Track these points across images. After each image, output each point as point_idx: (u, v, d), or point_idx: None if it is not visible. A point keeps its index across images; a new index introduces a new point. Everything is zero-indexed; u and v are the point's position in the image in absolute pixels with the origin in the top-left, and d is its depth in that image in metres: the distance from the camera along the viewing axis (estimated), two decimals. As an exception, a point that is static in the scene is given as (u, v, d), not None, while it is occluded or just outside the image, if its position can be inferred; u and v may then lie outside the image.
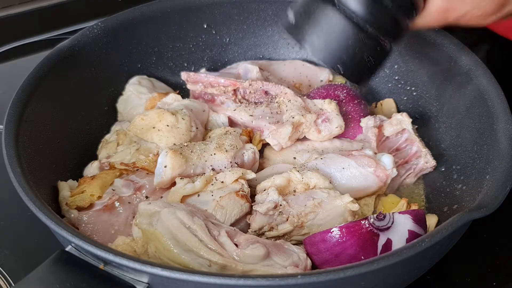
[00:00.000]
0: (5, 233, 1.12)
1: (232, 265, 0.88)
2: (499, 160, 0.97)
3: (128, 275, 0.84)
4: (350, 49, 0.87)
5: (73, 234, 0.85)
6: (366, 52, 0.88)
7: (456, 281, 1.04)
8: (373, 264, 0.80)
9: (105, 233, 1.03)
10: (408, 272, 0.93)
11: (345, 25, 0.85)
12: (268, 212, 1.01)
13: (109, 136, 1.22)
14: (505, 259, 1.07)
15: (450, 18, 0.88)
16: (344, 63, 0.88)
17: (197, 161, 1.06)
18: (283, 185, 1.05)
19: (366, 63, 0.89)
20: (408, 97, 1.27)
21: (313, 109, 1.17)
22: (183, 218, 0.92)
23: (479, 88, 1.09)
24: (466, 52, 1.14)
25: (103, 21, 1.25)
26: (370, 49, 0.88)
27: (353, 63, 0.89)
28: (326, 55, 0.88)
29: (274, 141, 1.15)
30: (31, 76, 1.11)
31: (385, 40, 0.88)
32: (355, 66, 0.89)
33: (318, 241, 0.95)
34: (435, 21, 0.89)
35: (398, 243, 0.93)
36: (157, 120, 1.13)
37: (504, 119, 1.02)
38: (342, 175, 1.08)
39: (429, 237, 0.84)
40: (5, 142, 0.98)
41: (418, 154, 1.16)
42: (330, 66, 0.89)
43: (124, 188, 1.07)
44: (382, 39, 0.88)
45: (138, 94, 1.26)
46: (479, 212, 0.87)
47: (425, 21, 0.89)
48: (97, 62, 1.24)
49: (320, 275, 0.79)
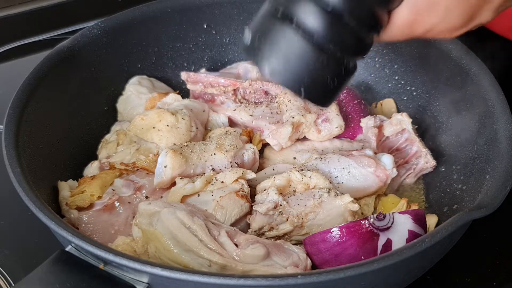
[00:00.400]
0: (5, 233, 1.12)
1: (232, 265, 0.88)
2: (499, 160, 0.97)
3: (128, 275, 0.84)
4: (311, 71, 0.80)
5: (73, 234, 0.85)
6: (329, 73, 0.81)
7: (456, 281, 1.04)
8: (373, 264, 0.80)
9: (105, 233, 1.03)
10: (408, 272, 0.93)
11: (305, 46, 0.78)
12: (268, 212, 1.01)
13: (109, 136, 1.22)
14: (505, 259, 1.07)
15: (416, 32, 0.83)
16: (306, 86, 0.81)
17: (197, 161, 1.06)
18: (283, 185, 1.05)
19: (329, 84, 0.82)
20: (408, 97, 1.27)
21: (313, 109, 1.17)
22: (183, 218, 0.92)
23: (479, 88, 1.09)
24: (466, 52, 1.14)
25: (103, 21, 1.25)
26: (333, 70, 0.81)
27: (315, 86, 0.82)
28: (286, 78, 0.81)
29: (274, 141, 1.15)
30: (31, 76, 1.11)
31: (349, 59, 0.82)
32: (318, 88, 0.82)
33: (318, 241, 0.95)
34: (401, 35, 0.84)
35: (398, 243, 0.93)
36: (157, 120, 1.13)
37: (504, 119, 1.02)
38: (342, 175, 1.08)
39: (429, 237, 0.84)
40: (5, 142, 0.98)
41: (418, 154, 1.16)
42: (292, 90, 0.82)
43: (124, 188, 1.07)
44: (345, 59, 0.81)
45: (138, 94, 1.26)
46: (479, 212, 0.87)
47: (390, 36, 0.84)
48: (97, 62, 1.24)
49: (320, 275, 0.79)
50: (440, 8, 0.80)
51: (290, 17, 0.78)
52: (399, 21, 0.82)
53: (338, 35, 0.78)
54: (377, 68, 1.31)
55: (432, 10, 0.80)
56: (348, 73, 0.83)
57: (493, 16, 0.84)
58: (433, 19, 0.81)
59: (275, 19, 0.80)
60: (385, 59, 1.30)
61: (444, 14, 0.80)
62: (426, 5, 0.80)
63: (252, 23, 0.83)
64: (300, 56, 0.79)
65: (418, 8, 0.80)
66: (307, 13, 0.78)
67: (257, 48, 0.81)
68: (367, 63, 1.32)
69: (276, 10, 0.80)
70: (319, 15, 0.77)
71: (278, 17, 0.80)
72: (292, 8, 0.78)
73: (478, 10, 0.82)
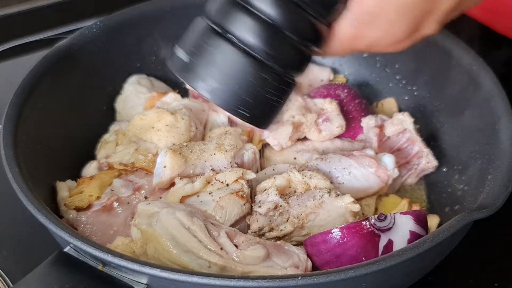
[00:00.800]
0: (3, 233, 1.12)
1: (232, 266, 0.88)
2: (501, 160, 0.97)
3: (127, 276, 0.83)
4: (252, 90, 0.75)
5: (71, 234, 0.85)
6: (270, 91, 0.76)
7: (457, 282, 1.04)
8: (374, 265, 0.80)
9: (104, 233, 1.02)
10: (410, 273, 0.92)
11: (244, 63, 0.74)
12: (268, 212, 1.00)
13: (108, 136, 1.21)
14: (508, 259, 1.07)
15: (360, 46, 0.80)
16: (247, 106, 0.76)
17: (197, 161, 1.06)
18: (283, 186, 1.05)
19: (270, 103, 0.77)
20: (409, 97, 1.27)
21: (314, 109, 1.17)
22: (183, 218, 0.91)
23: (481, 88, 1.08)
24: (468, 52, 1.14)
25: (102, 20, 1.25)
26: (274, 87, 0.76)
27: (256, 105, 0.77)
28: (225, 98, 0.75)
29: (274, 141, 1.15)
30: (29, 75, 1.10)
31: (289, 74, 0.78)
32: (260, 107, 0.77)
33: (318, 242, 0.94)
34: (343, 50, 0.81)
35: (400, 244, 0.93)
36: (156, 120, 1.13)
37: (506, 119, 1.02)
38: (343, 176, 1.08)
39: (430, 238, 0.83)
40: (3, 142, 0.98)
41: (420, 154, 1.15)
42: (231, 111, 0.77)
43: (123, 189, 1.06)
44: (286, 74, 0.78)
45: (137, 94, 1.25)
46: (481, 213, 0.87)
47: (332, 50, 0.81)
48: (95, 61, 1.23)
49: (320, 276, 0.78)
50: (382, 21, 0.77)
51: (226, 32, 0.75)
52: (340, 34, 0.79)
53: (279, 50, 0.75)
54: (378, 67, 1.31)
55: (373, 23, 0.77)
56: (289, 89, 0.80)
57: (438, 28, 0.81)
58: (375, 33, 0.78)
59: (210, 34, 0.76)
60: (386, 59, 1.29)
61: (387, 27, 0.77)
62: (367, 18, 0.77)
63: (183, 41, 0.79)
64: (238, 73, 0.74)
65: (359, 21, 0.77)
66: (244, 27, 0.74)
67: (192, 68, 0.76)
68: (368, 63, 1.32)
69: (211, 26, 0.76)
70: (257, 28, 0.74)
71: (214, 32, 0.76)
72: (228, 23, 0.75)
73: (422, 22, 0.79)
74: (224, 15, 0.75)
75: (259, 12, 0.74)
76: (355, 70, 1.35)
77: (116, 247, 0.96)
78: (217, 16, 0.76)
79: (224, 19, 0.75)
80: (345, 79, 1.35)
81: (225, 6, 0.76)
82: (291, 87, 0.80)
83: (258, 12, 0.74)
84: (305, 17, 0.75)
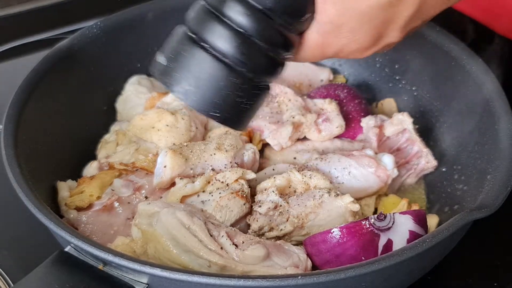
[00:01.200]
0: (3, 233, 1.12)
1: (232, 265, 0.88)
2: (501, 160, 0.97)
3: (127, 275, 0.83)
4: (223, 93, 0.79)
5: (72, 234, 0.85)
6: (240, 95, 0.80)
7: (457, 281, 1.04)
8: (374, 264, 0.80)
9: (104, 233, 1.02)
10: (409, 272, 0.92)
11: (215, 68, 0.78)
12: (268, 212, 1.00)
13: (108, 136, 1.21)
14: (507, 259, 1.07)
15: (328, 53, 0.84)
16: (218, 108, 0.80)
17: (197, 161, 1.06)
18: (283, 185, 1.05)
19: (242, 106, 0.81)
20: (408, 97, 1.27)
21: (314, 109, 1.17)
22: (183, 218, 0.92)
23: (480, 88, 1.09)
24: (467, 52, 1.14)
25: (102, 21, 1.25)
26: (244, 91, 0.80)
27: (227, 107, 0.81)
28: (198, 101, 0.80)
29: (274, 141, 1.15)
30: (30, 76, 1.10)
31: (260, 79, 0.82)
32: (231, 110, 0.81)
33: (318, 241, 0.94)
34: (313, 56, 0.85)
35: (399, 243, 0.93)
36: (157, 120, 1.13)
37: (505, 119, 1.02)
38: (343, 175, 1.08)
39: (430, 238, 0.84)
40: (4, 142, 0.98)
41: (419, 154, 1.15)
42: (204, 113, 0.81)
43: (124, 188, 1.07)
44: (257, 79, 0.81)
45: (137, 94, 1.25)
46: (480, 213, 0.87)
47: (303, 57, 0.85)
48: (96, 61, 1.23)
49: (320, 276, 0.79)
50: (345, 30, 0.80)
51: (201, 38, 0.79)
52: (309, 42, 0.83)
53: (249, 56, 0.79)
54: (377, 67, 1.31)
55: (338, 32, 0.81)
56: (261, 93, 0.83)
57: (401, 36, 0.84)
58: (341, 41, 0.82)
59: (186, 41, 0.80)
60: (386, 59, 1.29)
61: (350, 35, 0.81)
62: (331, 27, 0.80)
63: (164, 47, 0.83)
64: (210, 78, 0.79)
65: (324, 30, 0.81)
66: (215, 35, 0.78)
67: (170, 72, 0.81)
68: (367, 63, 1.32)
69: (187, 32, 0.81)
70: (227, 36, 0.78)
71: (190, 39, 0.80)
72: (202, 30, 0.79)
73: (384, 30, 0.82)
74: (199, 23, 0.80)
75: (230, 21, 0.78)
76: (354, 70, 1.35)
77: (116, 246, 0.96)
78: (193, 24, 0.81)
79: (199, 27, 0.80)
80: (345, 79, 1.36)
81: (200, 15, 0.81)
82: (263, 91, 0.84)
83: (229, 20, 0.78)
84: (273, 26, 0.79)
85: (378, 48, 0.86)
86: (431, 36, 1.20)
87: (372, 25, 0.81)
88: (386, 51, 1.29)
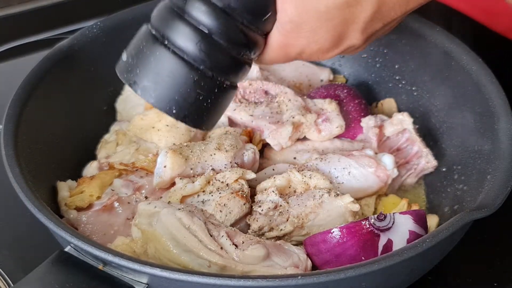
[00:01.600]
0: (3, 233, 1.12)
1: (232, 265, 0.88)
2: (500, 160, 0.97)
3: (127, 275, 0.83)
4: (182, 90, 0.79)
5: (72, 234, 0.85)
6: (201, 93, 0.80)
7: (457, 281, 1.04)
8: (373, 264, 0.80)
9: (104, 233, 1.02)
10: (409, 272, 0.92)
11: (175, 64, 0.79)
12: (268, 212, 1.01)
13: (108, 136, 1.21)
14: (507, 259, 1.07)
15: (291, 53, 0.85)
16: (177, 105, 0.80)
17: (197, 161, 1.06)
18: (283, 185, 1.05)
19: (203, 105, 0.81)
20: (408, 97, 1.27)
21: (314, 109, 1.17)
22: (183, 218, 0.92)
23: (480, 88, 1.09)
24: (467, 52, 1.14)
25: (103, 21, 1.25)
26: (205, 89, 0.80)
27: (187, 105, 0.81)
28: (157, 97, 0.80)
29: (274, 141, 1.15)
30: (30, 76, 1.10)
31: (223, 78, 0.82)
32: (190, 108, 0.81)
33: (318, 241, 0.94)
34: (278, 57, 0.86)
35: (399, 243, 0.93)
36: (157, 120, 1.13)
37: (505, 119, 1.02)
38: (343, 175, 1.08)
39: (430, 238, 0.83)
40: (4, 142, 0.98)
41: (419, 154, 1.15)
42: (162, 109, 0.81)
43: (124, 188, 1.07)
44: (219, 78, 0.81)
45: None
46: (480, 212, 0.87)
47: (269, 58, 0.86)
48: (96, 61, 1.23)
49: (320, 276, 0.79)
50: (305, 29, 0.81)
51: (162, 35, 0.80)
52: (272, 43, 0.84)
53: (210, 54, 0.79)
54: (377, 68, 1.31)
55: (298, 32, 0.82)
56: (223, 93, 0.83)
57: (363, 38, 0.85)
58: (302, 41, 0.83)
59: (148, 38, 0.81)
60: (386, 59, 1.29)
61: (311, 35, 0.82)
62: (292, 26, 0.81)
63: (128, 45, 0.85)
64: (170, 74, 0.79)
65: (286, 29, 0.82)
66: (177, 33, 0.79)
67: (131, 68, 0.82)
68: (367, 63, 1.32)
69: (150, 30, 0.82)
70: (189, 32, 0.78)
71: (152, 36, 0.81)
72: (164, 28, 0.80)
73: (344, 31, 0.83)
74: (160, 20, 0.81)
75: (191, 18, 0.79)
76: (354, 71, 1.35)
77: (116, 246, 0.96)
78: (155, 22, 0.82)
79: (160, 24, 0.81)
80: (345, 79, 1.35)
81: (162, 12, 0.82)
82: (227, 90, 0.84)
83: (190, 18, 0.79)
84: (235, 25, 0.79)
85: (340, 50, 0.86)
86: (431, 36, 1.20)
87: (331, 25, 0.81)
88: (385, 51, 1.30)
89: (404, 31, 1.23)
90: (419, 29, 1.21)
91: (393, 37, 1.25)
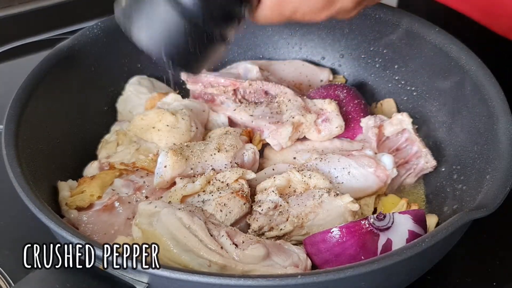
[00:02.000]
0: (4, 233, 1.12)
1: (232, 265, 0.88)
2: (500, 160, 0.97)
3: (128, 275, 0.84)
4: (173, 36, 0.86)
5: (73, 234, 0.85)
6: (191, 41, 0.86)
7: (456, 281, 1.04)
8: (373, 264, 0.80)
9: (105, 233, 1.02)
10: (408, 272, 0.93)
11: (168, 12, 0.84)
12: (268, 212, 1.01)
13: (109, 136, 1.21)
14: (505, 259, 1.07)
15: (285, 13, 0.89)
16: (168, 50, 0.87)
17: (197, 161, 1.06)
18: (283, 185, 1.05)
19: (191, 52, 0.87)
20: (408, 97, 1.27)
21: (313, 109, 1.17)
22: (183, 218, 0.92)
23: (479, 88, 1.09)
24: (467, 52, 1.14)
25: (103, 21, 1.25)
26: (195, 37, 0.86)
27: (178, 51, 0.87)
28: (149, 42, 0.87)
29: (274, 141, 1.15)
30: (31, 76, 1.10)
31: (214, 29, 0.87)
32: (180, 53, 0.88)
33: (318, 241, 0.95)
34: (272, 16, 0.89)
35: (398, 243, 0.93)
36: (157, 120, 1.13)
37: (504, 119, 1.02)
38: (342, 175, 1.08)
39: (429, 237, 0.84)
40: (5, 142, 0.98)
41: (419, 154, 1.15)
42: (153, 53, 0.87)
43: (124, 188, 1.07)
44: (210, 29, 0.87)
45: (138, 94, 1.25)
46: (479, 212, 0.87)
47: (263, 16, 0.89)
48: (97, 62, 1.24)
49: (320, 275, 0.79)
50: None
51: None
52: (267, 1, 0.88)
53: (201, 5, 0.84)
54: (377, 68, 1.31)
55: None
56: (211, 43, 0.89)
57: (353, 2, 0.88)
58: (294, 0, 0.87)
59: None
60: (385, 59, 1.29)
61: None
62: None
63: None
64: (163, 21, 0.85)
65: None
66: None
67: (128, 14, 0.87)
68: (367, 63, 1.32)
69: None
70: None
71: None
72: None
73: None
74: None
75: None
76: (354, 71, 1.35)
77: (117, 246, 0.96)
78: None
79: None
80: (345, 80, 1.36)
81: None
82: (217, 42, 0.89)
83: None
84: None
85: (332, 11, 0.89)
86: (431, 36, 1.20)
87: None
88: (385, 51, 1.30)
89: (404, 32, 1.23)
90: (419, 30, 1.21)
91: (393, 37, 1.25)
